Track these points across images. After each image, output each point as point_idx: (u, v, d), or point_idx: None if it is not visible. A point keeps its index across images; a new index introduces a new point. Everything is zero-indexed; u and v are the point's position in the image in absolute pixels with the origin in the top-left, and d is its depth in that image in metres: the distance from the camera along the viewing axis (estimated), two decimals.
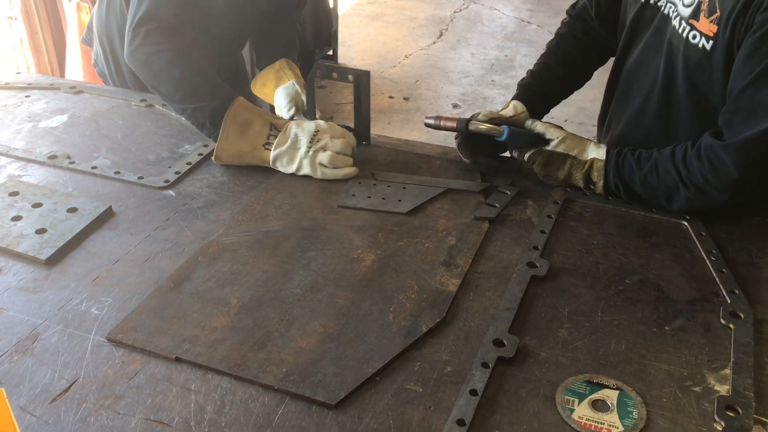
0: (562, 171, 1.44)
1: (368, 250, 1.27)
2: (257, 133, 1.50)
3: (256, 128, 1.50)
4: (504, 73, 5.16)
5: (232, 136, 1.49)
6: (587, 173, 1.42)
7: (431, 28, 5.97)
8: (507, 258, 1.26)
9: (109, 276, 1.20)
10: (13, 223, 1.31)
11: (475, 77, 5.04)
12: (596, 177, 1.41)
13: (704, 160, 1.30)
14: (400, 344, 1.06)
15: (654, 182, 1.36)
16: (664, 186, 1.35)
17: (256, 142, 1.50)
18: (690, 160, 1.32)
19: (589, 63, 1.72)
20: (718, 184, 1.29)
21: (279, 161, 1.49)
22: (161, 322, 1.10)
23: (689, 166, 1.32)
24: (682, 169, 1.33)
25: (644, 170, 1.37)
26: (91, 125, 1.68)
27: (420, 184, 1.46)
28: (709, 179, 1.29)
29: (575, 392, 0.99)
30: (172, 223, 1.34)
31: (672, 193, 1.35)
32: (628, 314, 1.13)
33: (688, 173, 1.32)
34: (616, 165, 1.39)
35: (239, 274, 1.20)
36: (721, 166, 1.28)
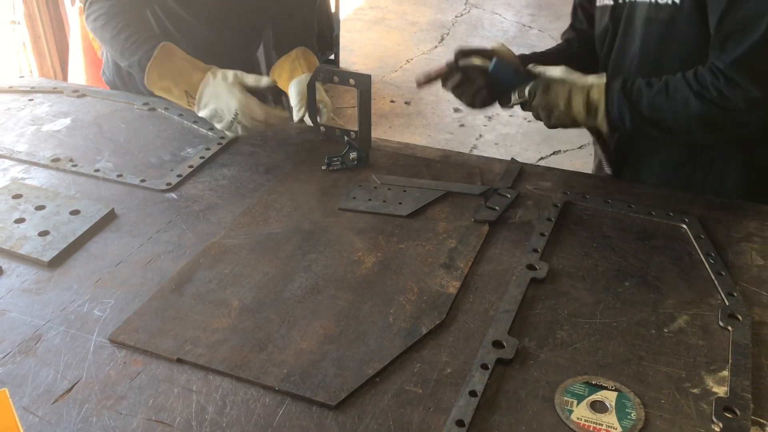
0: (562, 97, 1.41)
1: (369, 253, 1.27)
2: (178, 98, 1.58)
3: (175, 94, 1.57)
4: None
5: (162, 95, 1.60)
6: (587, 96, 1.40)
7: (432, 32, 6.00)
8: (507, 260, 1.27)
9: (111, 278, 1.21)
10: (17, 226, 1.32)
11: None
12: (596, 95, 1.39)
13: (718, 74, 1.29)
14: (400, 346, 1.07)
15: (662, 98, 1.34)
16: (674, 104, 1.33)
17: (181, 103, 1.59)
18: (702, 75, 1.31)
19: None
20: (736, 100, 1.28)
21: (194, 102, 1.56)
22: (163, 324, 1.10)
23: (701, 79, 1.31)
24: (694, 84, 1.31)
25: (654, 89, 1.36)
26: (93, 128, 1.69)
27: (420, 187, 1.46)
28: (726, 94, 1.28)
29: (574, 393, 0.99)
30: (174, 226, 1.35)
31: (681, 113, 1.33)
32: (627, 316, 1.14)
33: (702, 87, 1.30)
34: (623, 86, 1.38)
35: (241, 276, 1.21)
36: (736, 83, 1.27)
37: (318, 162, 1.56)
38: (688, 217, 1.37)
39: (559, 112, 1.43)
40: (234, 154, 1.59)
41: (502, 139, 4.25)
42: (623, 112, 1.38)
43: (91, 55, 4.05)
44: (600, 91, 1.40)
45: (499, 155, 2.94)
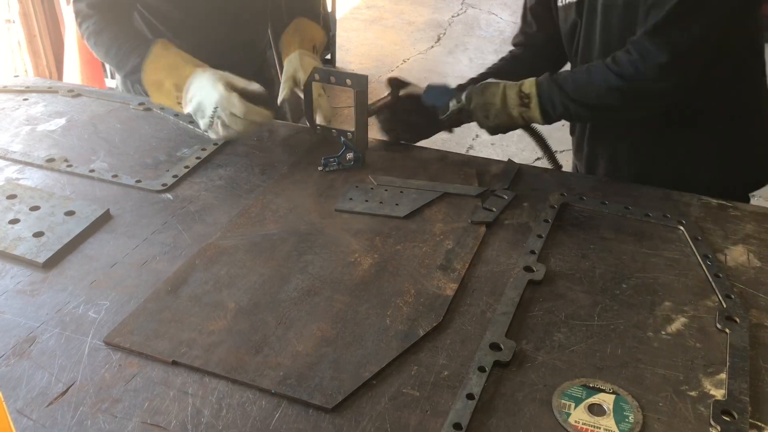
0: (497, 95, 1.49)
1: (365, 254, 1.27)
2: (168, 93, 1.57)
3: (166, 88, 1.57)
4: None
5: (156, 94, 1.60)
6: (520, 89, 1.49)
7: (429, 32, 5.99)
8: (504, 262, 1.26)
9: (106, 279, 1.20)
10: (11, 226, 1.31)
11: None
12: (528, 87, 1.48)
13: (632, 51, 1.40)
14: (397, 348, 1.06)
15: (585, 79, 1.45)
16: (596, 83, 1.43)
17: (171, 100, 1.58)
18: (618, 56, 1.42)
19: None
20: (648, 70, 1.37)
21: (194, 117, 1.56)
22: (158, 326, 1.10)
23: (618, 60, 1.41)
24: (611, 65, 1.42)
25: (577, 73, 1.48)
26: (88, 128, 1.69)
27: (417, 188, 1.46)
28: (639, 67, 1.38)
29: (572, 396, 0.99)
30: (170, 227, 1.34)
31: (604, 89, 1.43)
32: (625, 319, 1.14)
33: (618, 66, 1.40)
34: (551, 75, 1.49)
35: (236, 278, 1.20)
36: (648, 53, 1.37)
37: (314, 163, 1.55)
38: (685, 219, 1.37)
39: (496, 110, 1.50)
40: (230, 154, 1.59)
41: (498, 139, 4.25)
42: (553, 97, 1.47)
43: (86, 54, 4.03)
44: (531, 83, 1.50)
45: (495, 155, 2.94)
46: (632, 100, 1.44)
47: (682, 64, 1.38)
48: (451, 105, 1.54)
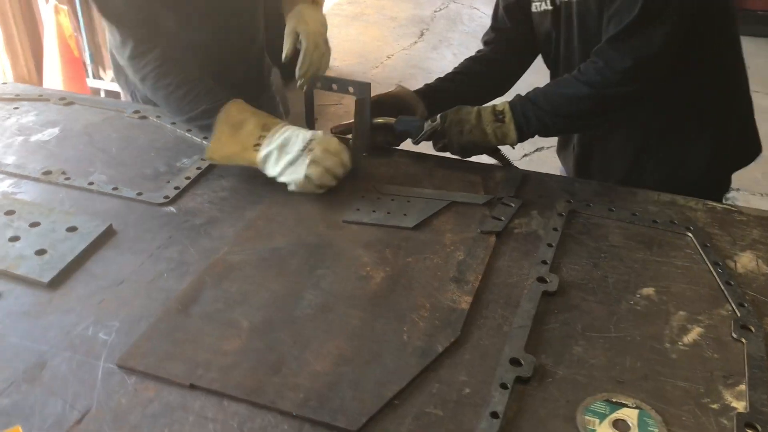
0: (472, 113, 1.53)
1: (377, 267, 1.25)
2: (248, 134, 1.45)
3: (248, 129, 1.46)
4: None
5: (224, 137, 1.46)
6: (493, 108, 1.53)
7: (412, 27, 5.97)
8: (516, 273, 1.25)
9: (114, 298, 1.17)
10: (11, 244, 1.27)
11: None
12: (501, 106, 1.53)
13: (597, 59, 1.45)
14: (417, 365, 1.05)
15: (555, 92, 1.51)
16: (566, 94, 1.49)
17: (246, 143, 1.45)
18: (585, 66, 1.48)
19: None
20: (613, 76, 1.43)
21: (267, 161, 1.44)
22: (172, 347, 1.07)
23: (585, 71, 1.47)
24: (578, 75, 1.47)
25: (547, 86, 1.53)
26: (84, 138, 1.65)
27: (424, 197, 1.45)
28: (605, 74, 1.44)
29: (595, 412, 0.98)
30: (175, 241, 1.31)
31: (574, 99, 1.48)
32: (641, 329, 1.14)
33: (584, 76, 1.46)
34: (519, 96, 1.54)
35: (248, 295, 1.18)
36: (612, 60, 1.43)
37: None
38: (693, 225, 1.38)
39: (470, 126, 1.53)
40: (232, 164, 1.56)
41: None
42: (527, 111, 1.51)
43: (67, 55, 3.96)
44: (503, 103, 1.55)
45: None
46: (601, 106, 1.50)
47: (646, 68, 1.44)
48: (426, 126, 1.57)
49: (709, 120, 1.62)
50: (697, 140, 1.63)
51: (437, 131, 1.56)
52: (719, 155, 1.64)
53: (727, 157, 1.68)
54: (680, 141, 1.64)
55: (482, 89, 1.81)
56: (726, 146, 1.65)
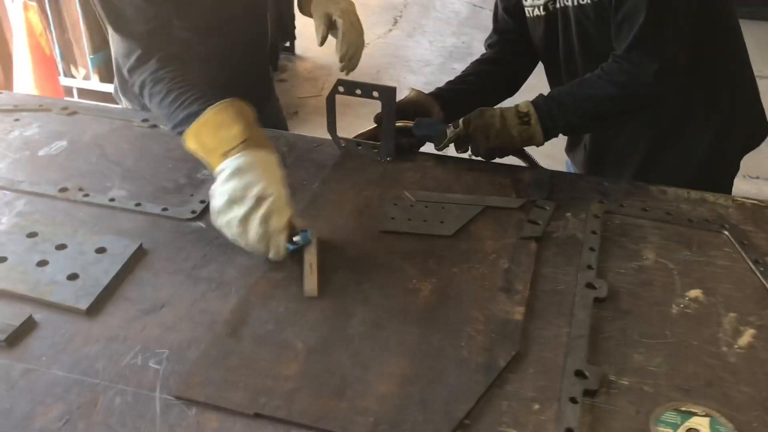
0: (496, 117, 1.51)
1: (423, 279, 1.23)
2: (229, 138, 1.25)
3: (232, 132, 1.26)
4: (463, 60, 5.15)
5: (207, 126, 1.28)
6: (516, 109, 1.51)
7: (385, 15, 5.92)
8: (563, 279, 1.24)
9: (158, 324, 1.13)
10: (40, 269, 1.22)
11: (436, 65, 5.02)
12: (524, 107, 1.51)
13: (620, 61, 1.46)
14: (482, 382, 1.03)
15: (581, 93, 1.50)
16: (592, 94, 1.49)
17: (220, 145, 1.26)
18: (608, 67, 1.48)
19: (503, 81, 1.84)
20: (642, 77, 1.44)
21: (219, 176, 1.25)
22: (229, 374, 1.04)
23: (609, 71, 1.47)
24: (604, 76, 1.47)
25: (573, 86, 1.53)
26: (95, 151, 1.59)
27: (458, 202, 1.43)
28: (632, 74, 1.44)
29: (667, 423, 0.98)
30: (211, 259, 1.27)
31: (601, 99, 1.48)
32: (695, 333, 1.14)
33: (611, 76, 1.46)
34: (543, 96, 1.53)
35: (297, 314, 1.15)
36: (638, 63, 1.44)
37: (344, 180, 1.50)
38: (727, 223, 1.38)
39: (496, 131, 1.51)
40: None
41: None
42: (553, 112, 1.50)
43: (38, 53, 3.83)
44: (526, 104, 1.53)
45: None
46: (627, 105, 1.51)
47: (672, 67, 1.46)
48: (449, 132, 1.54)
49: (716, 107, 1.64)
50: (705, 128, 1.64)
51: (460, 137, 1.53)
52: (727, 141, 1.67)
53: (735, 142, 1.70)
54: (689, 130, 1.65)
55: (494, 90, 1.80)
56: (733, 131, 1.67)
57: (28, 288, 1.18)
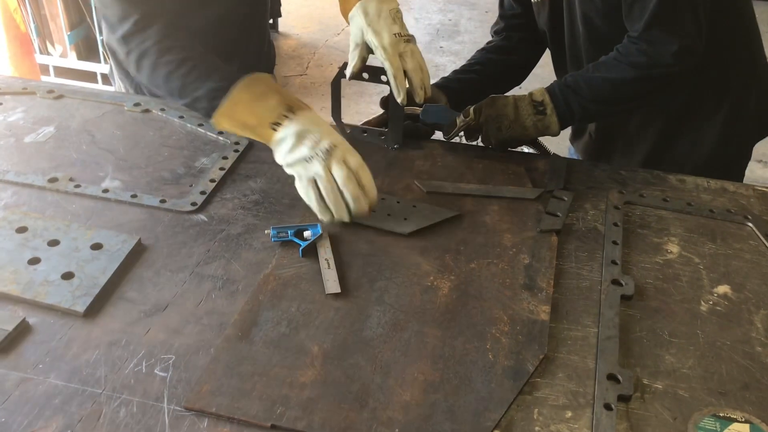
0: (509, 106, 1.45)
1: (441, 276, 1.17)
2: (270, 109, 1.26)
3: (270, 104, 1.27)
4: (451, 38, 5.07)
5: (242, 105, 1.28)
6: (530, 98, 1.45)
7: None
8: (587, 275, 1.19)
9: (162, 327, 1.06)
10: (33, 268, 1.14)
11: (423, 44, 4.93)
12: (539, 96, 1.44)
13: (638, 42, 1.39)
14: (511, 389, 0.98)
15: (598, 77, 1.42)
16: (610, 78, 1.42)
17: (264, 119, 1.26)
18: (624, 48, 1.41)
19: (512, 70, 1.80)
20: (661, 58, 1.38)
21: (280, 146, 1.26)
22: (242, 382, 0.97)
23: (626, 52, 1.41)
24: (621, 58, 1.41)
25: (588, 72, 1.45)
26: (85, 138, 1.50)
27: (472, 193, 1.36)
28: (651, 55, 1.38)
29: (707, 429, 0.93)
30: (215, 255, 1.20)
31: (619, 83, 1.42)
32: (727, 332, 1.09)
33: (628, 57, 1.40)
34: (558, 83, 1.46)
35: (310, 314, 1.09)
36: (656, 42, 1.38)
37: None
38: (750, 214, 1.34)
39: (509, 121, 1.45)
40: (255, 162, 1.44)
41: None
42: (569, 100, 1.43)
43: (13, 30, 3.68)
44: (541, 92, 1.46)
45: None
46: (646, 87, 1.44)
47: (692, 45, 1.40)
48: (459, 121, 1.48)
49: (727, 92, 1.59)
50: (715, 114, 1.59)
51: (471, 127, 1.47)
52: (738, 126, 1.62)
53: (747, 128, 1.65)
54: (699, 116, 1.60)
55: (501, 79, 1.76)
56: (745, 117, 1.62)
57: (20, 289, 1.10)
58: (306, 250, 1.19)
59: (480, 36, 5.02)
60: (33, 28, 4.03)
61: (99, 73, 4.10)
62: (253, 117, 1.28)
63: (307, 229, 1.22)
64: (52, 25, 4.07)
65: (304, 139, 1.23)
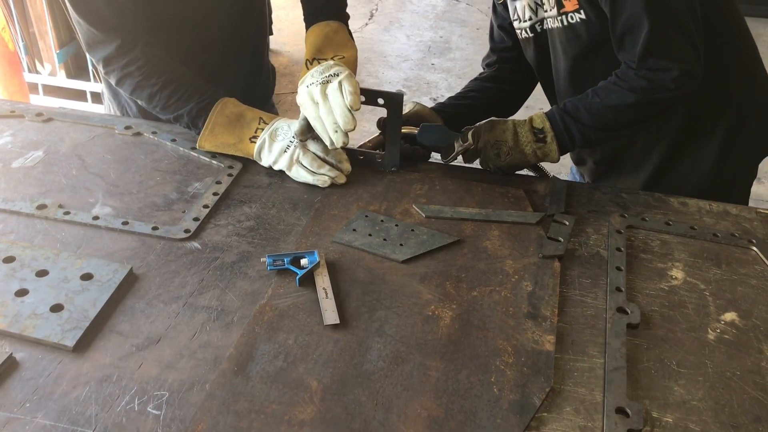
0: (508, 132, 1.43)
1: (442, 305, 1.14)
2: (246, 126, 1.45)
3: (245, 121, 1.45)
4: (442, 55, 5.06)
5: (219, 127, 1.44)
6: (530, 125, 1.43)
7: (360, 8, 5.79)
8: (591, 303, 1.16)
9: (155, 361, 1.02)
10: (20, 300, 1.10)
11: (414, 61, 4.93)
12: (539, 123, 1.42)
13: (637, 68, 1.38)
14: (518, 424, 0.95)
15: (597, 104, 1.40)
16: (610, 104, 1.39)
17: (243, 135, 1.44)
18: (623, 73, 1.40)
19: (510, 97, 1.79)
20: (662, 82, 1.36)
21: (261, 152, 1.43)
22: (238, 420, 0.94)
23: (625, 77, 1.39)
24: (620, 83, 1.39)
25: (587, 98, 1.42)
26: (75, 162, 1.46)
27: (472, 218, 1.33)
28: (652, 79, 1.36)
29: None
30: (209, 285, 1.16)
31: (620, 109, 1.39)
32: (737, 361, 1.06)
33: (627, 83, 1.38)
34: (557, 109, 1.44)
35: (308, 347, 1.05)
36: (657, 69, 1.36)
37: (347, 193, 1.40)
38: (754, 238, 1.31)
39: (508, 148, 1.44)
40: (250, 187, 1.41)
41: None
42: (569, 127, 1.42)
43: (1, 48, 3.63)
44: (541, 117, 1.44)
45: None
46: (646, 112, 1.42)
47: (691, 69, 1.37)
48: (457, 146, 1.46)
49: (725, 110, 1.57)
50: (713, 133, 1.57)
51: (469, 150, 1.45)
52: (738, 144, 1.60)
53: (748, 146, 1.63)
54: (700, 135, 1.58)
55: (497, 106, 1.73)
56: (745, 134, 1.60)
57: (6, 322, 1.06)
58: (303, 279, 1.16)
59: (471, 53, 5.02)
60: (21, 47, 3.98)
61: (89, 91, 4.05)
62: (231, 136, 1.44)
63: (303, 256, 1.19)
64: (41, 43, 4.03)
65: (276, 136, 1.42)
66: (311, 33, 1.51)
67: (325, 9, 1.51)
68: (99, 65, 1.49)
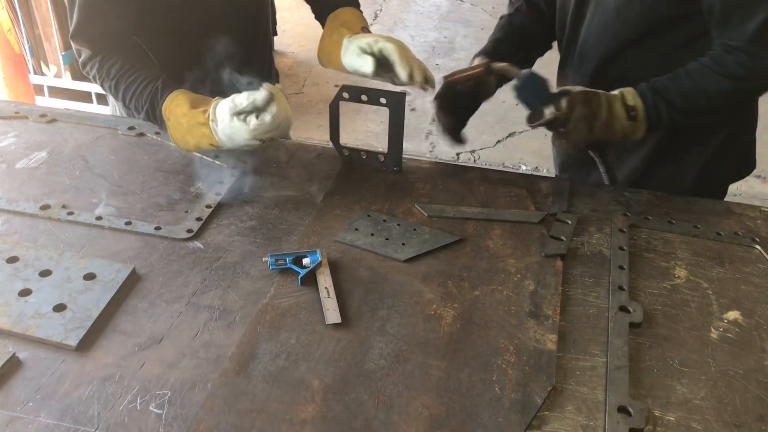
0: (603, 107, 1.37)
1: (444, 304, 1.14)
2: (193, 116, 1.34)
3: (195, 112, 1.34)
4: (447, 56, 5.06)
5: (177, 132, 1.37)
6: (623, 101, 1.38)
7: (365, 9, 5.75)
8: (593, 302, 1.16)
9: (157, 361, 1.02)
10: (23, 300, 1.10)
11: None
12: (632, 100, 1.38)
13: (737, 52, 1.33)
14: (519, 423, 0.95)
15: (691, 87, 1.37)
16: (704, 89, 1.37)
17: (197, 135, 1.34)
18: (720, 58, 1.35)
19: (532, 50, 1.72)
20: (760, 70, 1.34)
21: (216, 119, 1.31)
22: (240, 419, 0.94)
23: (722, 63, 1.35)
24: (716, 68, 1.35)
25: (679, 81, 1.38)
26: (78, 163, 1.47)
27: (474, 217, 1.33)
28: (749, 67, 1.33)
29: None
30: (212, 285, 1.17)
31: (714, 94, 1.37)
32: (739, 360, 1.06)
33: (725, 68, 1.34)
34: (651, 86, 1.39)
35: (310, 346, 1.05)
36: (756, 55, 1.32)
37: (350, 192, 1.40)
38: (758, 237, 1.31)
39: (601, 123, 1.38)
40: (253, 187, 1.41)
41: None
42: (660, 109, 1.38)
43: (7, 51, 3.65)
44: (633, 95, 1.39)
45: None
46: (738, 99, 1.43)
47: None
48: (547, 113, 1.37)
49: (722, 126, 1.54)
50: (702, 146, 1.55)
51: (559, 118, 1.37)
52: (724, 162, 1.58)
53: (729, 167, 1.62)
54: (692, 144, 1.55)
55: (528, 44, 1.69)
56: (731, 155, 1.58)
57: (10, 322, 1.06)
58: (305, 278, 1.16)
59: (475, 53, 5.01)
60: (27, 49, 4.00)
61: (94, 93, 4.07)
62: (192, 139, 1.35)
63: (305, 255, 1.19)
64: (47, 45, 4.04)
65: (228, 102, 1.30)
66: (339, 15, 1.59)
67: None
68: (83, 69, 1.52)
